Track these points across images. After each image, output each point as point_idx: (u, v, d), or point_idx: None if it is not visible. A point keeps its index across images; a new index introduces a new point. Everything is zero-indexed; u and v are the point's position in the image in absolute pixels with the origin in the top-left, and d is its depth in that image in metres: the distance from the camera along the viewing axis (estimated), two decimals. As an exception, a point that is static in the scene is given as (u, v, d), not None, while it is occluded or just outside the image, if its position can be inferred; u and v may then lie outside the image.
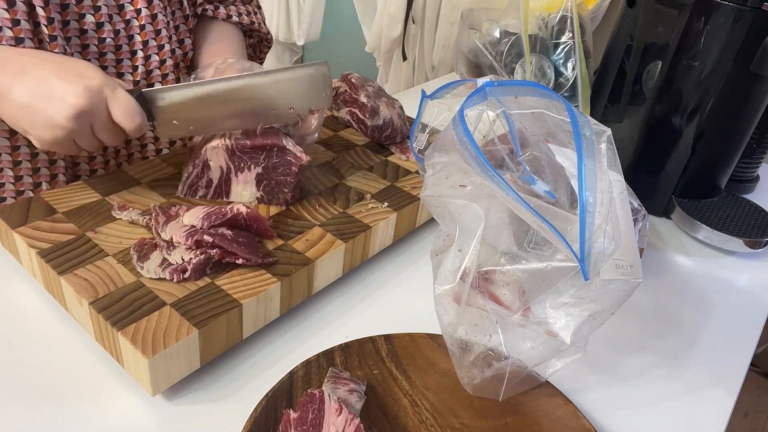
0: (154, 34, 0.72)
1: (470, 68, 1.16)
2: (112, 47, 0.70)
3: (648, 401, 0.58)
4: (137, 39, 0.71)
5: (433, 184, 0.49)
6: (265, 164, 0.66)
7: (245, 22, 0.84)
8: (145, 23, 0.71)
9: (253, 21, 0.86)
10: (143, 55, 0.72)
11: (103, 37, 0.69)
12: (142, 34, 0.71)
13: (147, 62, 0.73)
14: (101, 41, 0.69)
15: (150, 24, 0.71)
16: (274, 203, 0.68)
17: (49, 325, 0.57)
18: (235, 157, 0.65)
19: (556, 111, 0.47)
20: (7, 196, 0.71)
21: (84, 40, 0.67)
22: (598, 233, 0.41)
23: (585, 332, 0.47)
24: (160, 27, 0.72)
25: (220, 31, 0.82)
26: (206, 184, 0.67)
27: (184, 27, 0.78)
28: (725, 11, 0.75)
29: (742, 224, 0.85)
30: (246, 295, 0.54)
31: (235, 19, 0.83)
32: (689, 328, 0.68)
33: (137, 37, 0.71)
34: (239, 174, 0.66)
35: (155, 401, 0.51)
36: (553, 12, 1.02)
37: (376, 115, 0.83)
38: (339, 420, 0.45)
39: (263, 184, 0.66)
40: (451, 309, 0.49)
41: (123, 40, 0.70)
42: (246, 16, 0.85)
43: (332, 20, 2.32)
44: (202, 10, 0.81)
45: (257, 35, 0.89)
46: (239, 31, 0.85)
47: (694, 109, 0.82)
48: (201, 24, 0.82)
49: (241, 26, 0.85)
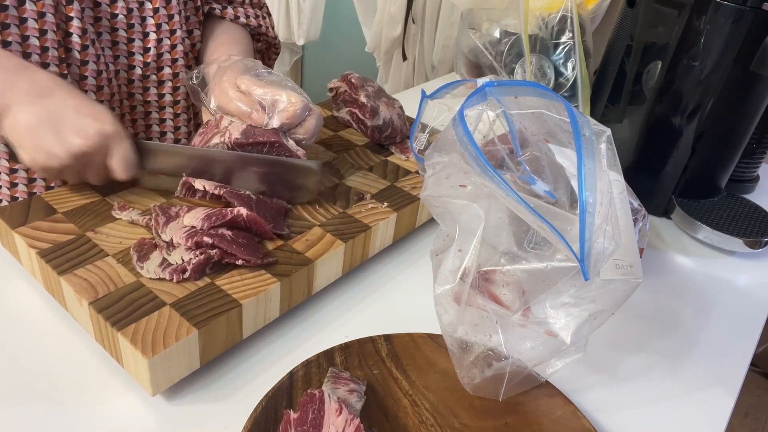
0: (167, 18, 0.73)
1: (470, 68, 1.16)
2: (124, 24, 0.70)
3: (648, 401, 0.58)
4: (150, 21, 0.72)
5: (433, 184, 0.49)
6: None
7: (252, 24, 0.84)
8: (159, 6, 0.72)
9: (261, 24, 0.85)
10: (156, 37, 0.73)
11: (115, 13, 0.69)
12: (155, 17, 0.72)
13: (159, 45, 0.74)
14: (113, 17, 0.69)
15: (164, 8, 0.72)
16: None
17: (49, 325, 0.57)
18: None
19: (556, 111, 0.47)
20: (2, 199, 0.71)
21: (97, 13, 0.68)
22: (598, 233, 0.41)
23: (585, 332, 0.47)
24: (173, 12, 0.73)
25: (226, 31, 0.82)
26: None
27: (194, 18, 0.79)
28: (725, 11, 0.75)
29: (742, 224, 0.85)
30: (246, 295, 0.54)
31: (242, 21, 0.83)
32: (689, 328, 0.68)
33: (150, 19, 0.72)
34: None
35: (155, 401, 0.51)
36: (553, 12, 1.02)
37: (376, 115, 0.83)
38: (339, 420, 0.45)
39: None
40: (451, 309, 0.49)
41: (135, 19, 0.71)
42: (254, 19, 0.84)
43: (332, 20, 2.32)
44: (209, 9, 0.81)
45: (265, 40, 0.89)
46: (247, 32, 0.85)
47: (694, 109, 0.82)
48: (208, 23, 0.82)
49: (248, 28, 0.85)
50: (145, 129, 0.79)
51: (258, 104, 0.65)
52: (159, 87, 0.77)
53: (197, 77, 0.72)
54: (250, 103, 0.65)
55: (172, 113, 0.80)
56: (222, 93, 0.67)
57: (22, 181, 0.71)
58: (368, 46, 1.94)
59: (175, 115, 0.80)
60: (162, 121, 0.80)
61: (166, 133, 0.81)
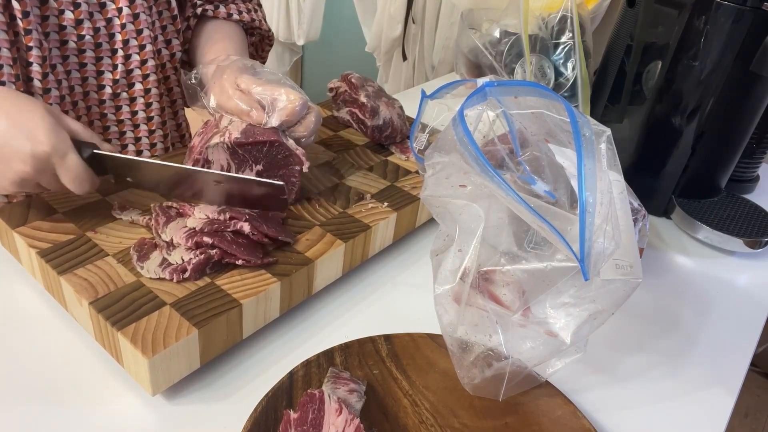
0: (136, 33, 0.72)
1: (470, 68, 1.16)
2: (91, 44, 0.70)
3: (648, 401, 0.58)
4: (118, 38, 0.71)
5: (433, 184, 0.49)
6: (265, 161, 0.66)
7: (246, 19, 0.84)
8: (126, 22, 0.71)
9: (254, 18, 0.86)
10: (123, 54, 0.72)
11: (82, 35, 0.68)
12: (122, 33, 0.71)
13: (127, 61, 0.73)
14: (80, 38, 0.69)
15: (131, 23, 0.71)
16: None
17: (49, 325, 0.57)
18: (236, 155, 0.65)
19: (556, 111, 0.47)
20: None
21: (63, 36, 0.67)
22: (598, 233, 0.41)
23: (585, 332, 0.47)
24: (141, 27, 0.72)
25: (221, 30, 0.82)
26: (206, 183, 0.67)
27: (171, 27, 0.78)
28: (725, 11, 0.75)
29: (742, 224, 0.85)
30: (246, 295, 0.54)
31: (235, 18, 0.83)
32: (689, 328, 0.68)
33: (118, 35, 0.71)
34: (240, 173, 0.66)
35: (155, 401, 0.51)
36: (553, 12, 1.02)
37: (376, 115, 0.83)
38: (339, 420, 0.45)
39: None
40: (451, 309, 0.49)
41: (103, 38, 0.70)
42: (246, 14, 0.85)
43: (332, 20, 2.32)
44: (202, 11, 0.81)
45: (258, 33, 0.89)
46: (241, 29, 0.85)
47: (694, 109, 0.82)
48: (202, 24, 0.82)
49: (242, 24, 0.85)
50: (121, 148, 0.78)
51: (257, 102, 0.65)
52: (131, 104, 0.76)
53: (196, 77, 0.72)
54: (250, 102, 0.65)
55: (147, 130, 0.79)
56: (221, 91, 0.67)
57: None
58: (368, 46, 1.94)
59: (150, 132, 0.79)
60: (137, 140, 0.79)
61: (143, 151, 0.80)
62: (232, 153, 0.65)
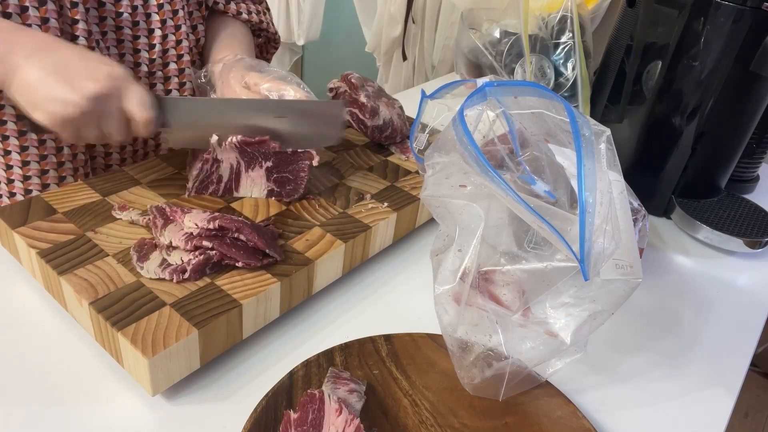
0: (172, 14, 0.73)
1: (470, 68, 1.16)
2: (129, 22, 0.71)
3: (648, 401, 0.58)
4: (155, 18, 0.72)
5: (433, 184, 0.49)
6: (275, 158, 0.66)
7: (254, 20, 0.85)
8: (164, 2, 0.72)
9: (262, 20, 0.86)
10: (161, 34, 0.73)
11: (120, 12, 0.70)
12: (160, 13, 0.72)
13: (164, 41, 0.74)
14: (118, 15, 0.70)
15: (168, 4, 0.73)
16: (285, 197, 0.68)
17: (49, 325, 0.57)
18: (245, 153, 0.66)
19: (556, 111, 0.47)
20: (17, 192, 0.71)
21: (102, 13, 0.69)
22: (598, 233, 0.41)
23: (585, 332, 0.47)
24: (177, 8, 0.73)
25: (230, 28, 0.83)
26: (216, 180, 0.67)
27: (197, 13, 0.79)
28: (725, 11, 0.75)
29: (742, 224, 0.85)
30: (246, 295, 0.54)
31: (244, 17, 0.84)
32: (689, 328, 0.68)
33: (155, 15, 0.72)
34: (250, 170, 0.67)
35: (155, 401, 0.51)
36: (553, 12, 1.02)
37: (376, 115, 0.83)
38: (339, 420, 0.45)
39: (273, 177, 0.67)
40: (451, 309, 0.49)
41: (140, 17, 0.71)
42: (255, 15, 0.85)
43: (332, 20, 2.32)
44: (213, 3, 0.82)
45: (265, 35, 0.90)
46: (248, 29, 0.85)
47: (694, 109, 0.82)
48: (212, 19, 0.83)
49: (250, 24, 0.85)
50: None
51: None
52: (165, 83, 0.77)
53: (205, 76, 0.73)
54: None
55: None
56: (229, 89, 0.68)
57: (35, 173, 0.71)
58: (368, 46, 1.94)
59: None
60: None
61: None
62: (240, 151, 0.65)
